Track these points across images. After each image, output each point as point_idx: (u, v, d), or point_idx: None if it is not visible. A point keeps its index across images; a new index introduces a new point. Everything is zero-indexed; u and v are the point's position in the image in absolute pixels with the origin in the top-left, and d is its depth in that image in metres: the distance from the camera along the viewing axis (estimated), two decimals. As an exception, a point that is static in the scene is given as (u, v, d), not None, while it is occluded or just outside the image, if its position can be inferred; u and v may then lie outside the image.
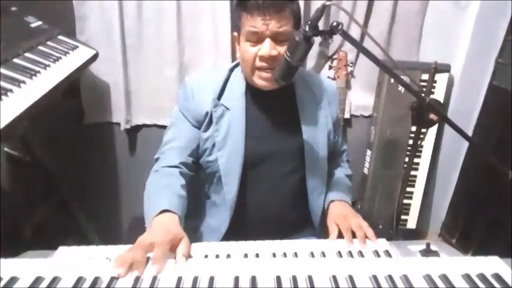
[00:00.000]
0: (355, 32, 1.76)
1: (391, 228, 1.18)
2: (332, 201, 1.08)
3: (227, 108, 1.02)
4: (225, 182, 1.03)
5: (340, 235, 0.92)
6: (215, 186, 1.07)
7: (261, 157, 1.05)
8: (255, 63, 0.96)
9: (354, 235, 0.90)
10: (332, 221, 0.98)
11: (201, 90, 1.04)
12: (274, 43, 0.93)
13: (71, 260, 0.77)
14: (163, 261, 0.70)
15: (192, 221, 1.11)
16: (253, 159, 1.04)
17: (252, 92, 1.04)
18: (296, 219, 1.12)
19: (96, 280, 0.65)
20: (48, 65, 1.26)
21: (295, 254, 0.83)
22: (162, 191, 0.91)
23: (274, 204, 1.07)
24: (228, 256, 0.81)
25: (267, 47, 0.92)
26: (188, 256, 0.76)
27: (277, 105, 1.05)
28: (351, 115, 1.97)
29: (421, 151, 1.84)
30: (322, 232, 1.08)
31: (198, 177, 1.09)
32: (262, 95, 1.03)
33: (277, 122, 1.05)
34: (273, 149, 1.05)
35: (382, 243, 0.87)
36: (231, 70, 1.07)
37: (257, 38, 0.93)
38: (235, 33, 1.01)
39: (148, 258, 0.71)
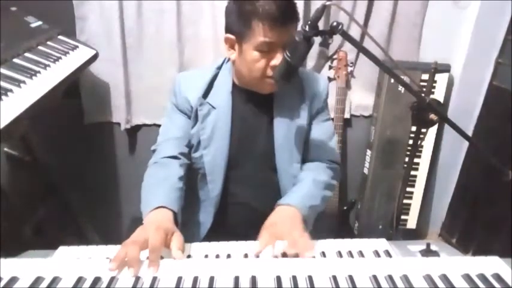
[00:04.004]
0: (355, 32, 1.76)
1: (391, 228, 1.19)
2: (278, 205, 0.94)
3: (213, 107, 1.03)
4: (210, 180, 1.04)
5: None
6: (200, 182, 1.08)
7: (244, 157, 1.05)
8: (265, 73, 0.95)
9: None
10: (263, 229, 0.86)
11: (188, 86, 1.05)
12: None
13: (71, 260, 0.77)
14: (159, 263, 0.69)
15: (182, 214, 1.11)
16: (237, 158, 1.04)
17: (238, 91, 1.04)
18: None
19: (96, 280, 0.65)
20: (48, 65, 1.26)
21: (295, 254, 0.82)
22: (159, 185, 0.91)
23: (257, 203, 1.07)
24: (228, 256, 0.81)
25: (281, 58, 0.89)
26: (183, 249, 0.76)
27: (259, 106, 1.05)
28: (351, 115, 1.97)
29: (421, 151, 1.84)
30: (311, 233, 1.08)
31: (191, 171, 1.09)
32: (248, 95, 1.04)
33: (259, 122, 1.06)
34: (255, 149, 1.05)
35: (382, 243, 0.87)
36: (219, 68, 1.07)
37: (269, 48, 0.91)
38: (232, 36, 0.95)
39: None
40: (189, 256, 0.81)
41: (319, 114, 1.10)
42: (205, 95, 1.03)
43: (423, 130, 1.05)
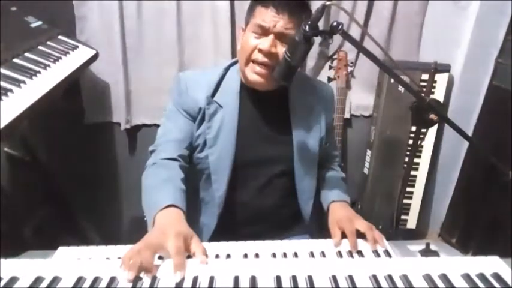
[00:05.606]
0: (355, 32, 1.76)
1: (391, 228, 1.18)
2: (333, 201, 1.06)
3: (220, 106, 1.02)
4: (214, 180, 1.03)
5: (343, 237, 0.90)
6: (204, 183, 1.07)
7: (251, 158, 1.04)
8: (252, 54, 0.96)
9: (358, 236, 0.88)
10: (335, 224, 0.94)
11: (195, 86, 1.04)
12: (278, 41, 0.93)
13: (71, 260, 0.77)
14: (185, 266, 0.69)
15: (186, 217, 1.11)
16: (243, 159, 1.03)
17: (246, 91, 1.04)
18: (286, 219, 1.11)
19: (96, 280, 0.65)
20: (48, 65, 1.26)
21: (295, 254, 0.83)
22: (163, 185, 0.90)
23: (263, 204, 1.07)
24: (228, 256, 0.81)
25: (268, 43, 0.93)
26: (206, 253, 0.76)
27: (270, 107, 1.05)
28: (351, 115, 1.97)
29: (421, 151, 1.84)
30: (315, 232, 1.10)
31: (193, 172, 1.08)
32: (256, 96, 1.03)
33: (269, 124, 1.05)
34: (263, 151, 1.05)
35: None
36: (227, 69, 1.07)
37: (262, 32, 0.94)
38: (243, 26, 1.01)
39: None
40: (189, 256, 0.81)
41: (331, 122, 1.17)
42: (213, 94, 1.03)
43: (423, 130, 1.05)
